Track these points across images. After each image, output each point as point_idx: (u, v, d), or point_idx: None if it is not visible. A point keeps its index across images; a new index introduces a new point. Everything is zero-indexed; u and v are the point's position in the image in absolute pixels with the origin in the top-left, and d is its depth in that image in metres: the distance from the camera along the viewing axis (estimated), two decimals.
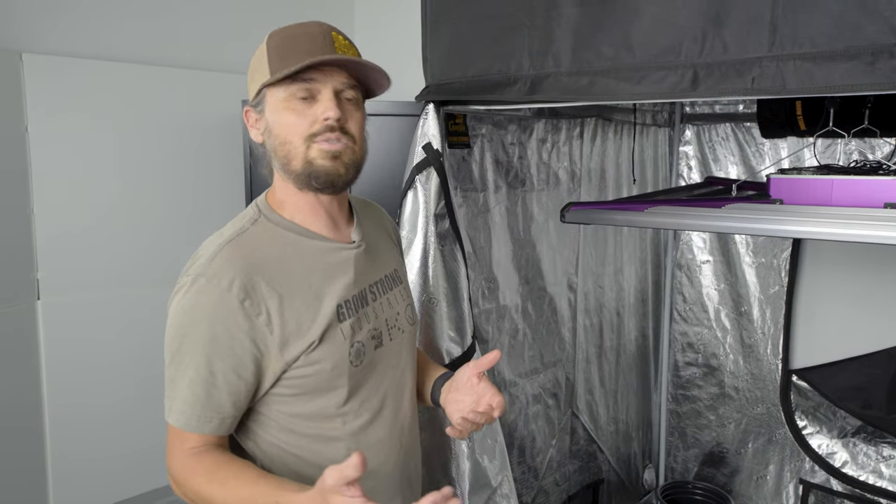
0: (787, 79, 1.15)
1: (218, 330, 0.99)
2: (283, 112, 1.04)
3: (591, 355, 2.48)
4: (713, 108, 2.69)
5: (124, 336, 2.95)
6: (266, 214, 1.10)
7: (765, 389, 2.67)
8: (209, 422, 1.01)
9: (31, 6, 2.69)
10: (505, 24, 1.49)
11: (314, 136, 1.03)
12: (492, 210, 1.97)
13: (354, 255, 1.13)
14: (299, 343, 1.02)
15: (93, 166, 2.82)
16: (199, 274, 1.01)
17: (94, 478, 2.94)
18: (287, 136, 1.04)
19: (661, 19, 1.28)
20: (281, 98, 1.04)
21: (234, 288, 0.99)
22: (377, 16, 3.60)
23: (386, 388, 1.16)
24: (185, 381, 1.00)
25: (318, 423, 1.08)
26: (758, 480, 2.73)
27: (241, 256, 1.02)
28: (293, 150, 1.04)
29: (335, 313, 1.06)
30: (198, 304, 1.00)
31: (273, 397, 1.06)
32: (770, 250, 2.59)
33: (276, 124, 1.05)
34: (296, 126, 1.03)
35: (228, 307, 0.98)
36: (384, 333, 1.15)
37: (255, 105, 1.09)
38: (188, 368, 1.00)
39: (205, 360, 0.99)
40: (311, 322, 1.04)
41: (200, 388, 1.00)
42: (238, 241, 1.05)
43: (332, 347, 1.05)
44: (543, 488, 2.29)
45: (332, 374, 1.05)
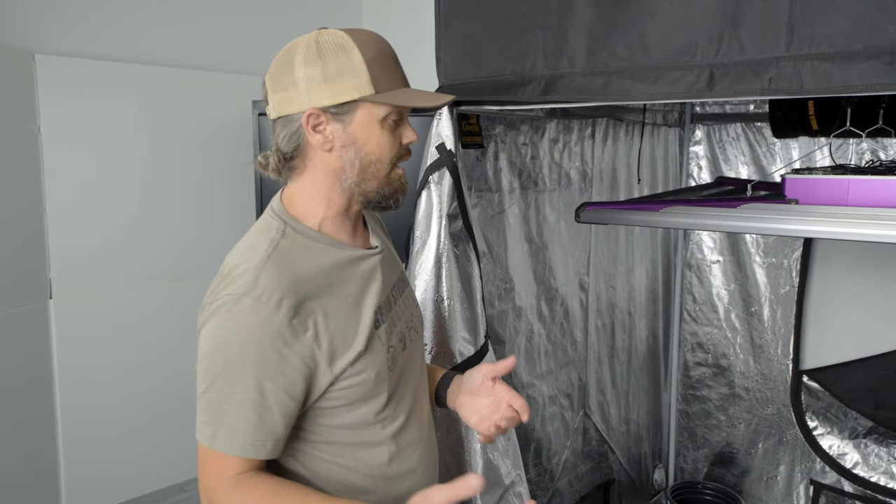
0: (804, 79, 1.14)
1: (268, 351, 0.95)
2: (382, 131, 1.04)
3: (602, 356, 2.48)
4: (724, 108, 2.68)
5: (136, 335, 2.97)
6: (292, 225, 1.06)
7: (775, 390, 2.66)
8: (263, 446, 0.97)
9: (45, 7, 2.71)
10: (519, 25, 1.49)
11: (399, 157, 1.08)
12: (507, 211, 1.97)
13: (379, 260, 1.13)
14: (347, 355, 1.01)
15: (105, 167, 2.84)
16: (244, 293, 0.95)
17: (105, 475, 2.95)
18: (381, 154, 1.05)
19: (677, 19, 1.28)
20: (380, 116, 1.03)
21: (283, 307, 0.95)
22: (385, 16, 3.60)
23: (413, 389, 1.17)
24: (233, 406, 0.95)
25: (360, 430, 1.07)
26: (768, 481, 2.73)
27: (285, 273, 0.98)
28: (381, 169, 1.06)
29: (373, 320, 1.06)
30: (244, 324, 0.95)
31: (314, 411, 1.04)
32: (781, 250, 2.58)
33: (370, 142, 1.04)
34: (391, 147, 1.06)
35: (278, 327, 0.95)
36: (406, 336, 1.16)
37: (338, 113, 1.02)
38: (235, 392, 0.95)
39: (255, 382, 0.95)
40: (354, 332, 1.03)
41: (252, 411, 0.95)
42: (276, 257, 1.00)
43: (375, 355, 1.05)
44: (558, 489, 2.30)
45: (375, 382, 1.05)
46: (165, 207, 3.04)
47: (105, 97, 2.81)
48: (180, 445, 2.99)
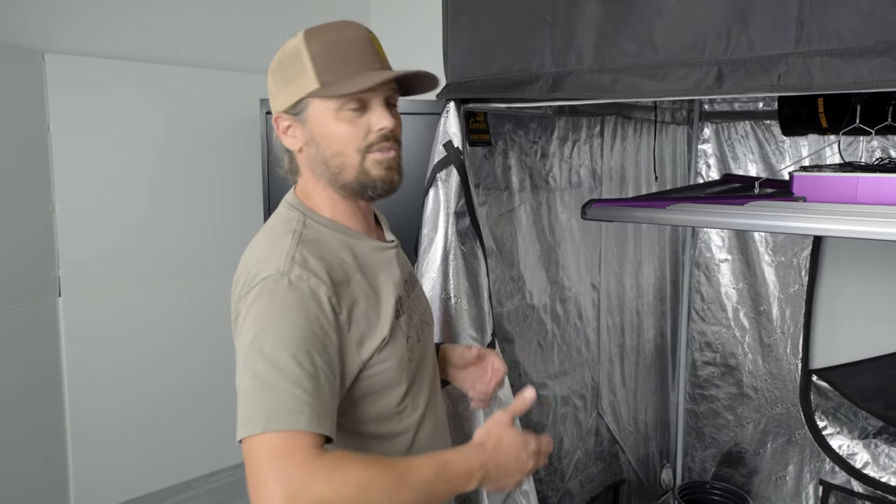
0: (814, 75, 1.14)
1: (314, 325, 0.93)
2: (335, 123, 1.03)
3: (613, 355, 2.47)
4: (732, 106, 2.67)
5: (144, 332, 2.98)
6: (310, 216, 1.07)
7: (784, 389, 2.65)
8: (326, 418, 0.89)
9: (54, 6, 2.72)
10: (527, 22, 1.49)
11: (370, 146, 1.04)
12: (516, 209, 1.97)
13: (395, 253, 1.15)
14: (373, 341, 1.02)
15: (113, 165, 2.85)
16: (281, 273, 0.95)
17: (114, 472, 2.97)
18: (341, 147, 1.03)
19: (685, 16, 1.28)
20: (332, 109, 1.02)
21: (322, 286, 0.96)
22: (393, 13, 3.60)
23: (428, 380, 1.18)
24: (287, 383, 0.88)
25: (381, 423, 1.08)
26: (777, 481, 2.71)
27: (314, 255, 0.99)
28: (347, 161, 1.04)
29: (395, 309, 1.07)
30: (288, 301, 0.94)
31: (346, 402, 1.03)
32: (790, 249, 2.57)
33: (326, 136, 1.03)
34: (350, 137, 1.03)
35: (319, 302, 0.95)
36: (420, 329, 1.17)
37: (296, 113, 1.05)
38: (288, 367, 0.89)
39: (306, 355, 0.90)
40: (378, 319, 1.04)
41: (308, 383, 0.89)
42: (303, 243, 1.01)
43: (398, 343, 1.06)
44: (569, 490, 2.29)
45: (397, 370, 1.06)
46: (174, 206, 3.05)
47: (114, 96, 2.82)
48: (188, 443, 3.00)
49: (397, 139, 1.08)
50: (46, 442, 2.76)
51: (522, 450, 1.00)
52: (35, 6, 2.68)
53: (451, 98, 1.61)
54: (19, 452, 2.60)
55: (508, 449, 0.99)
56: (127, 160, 2.90)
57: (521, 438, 1.01)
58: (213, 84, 3.13)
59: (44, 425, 2.74)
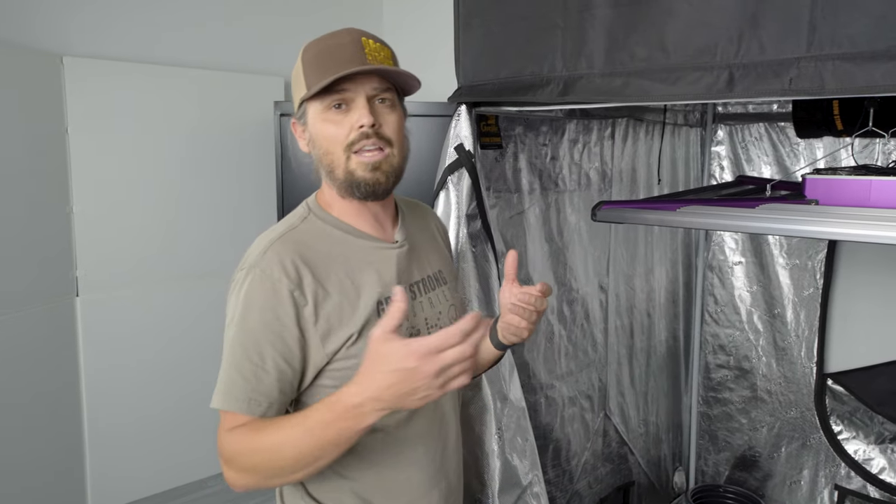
0: (825, 79, 1.13)
1: (269, 317, 1.03)
2: (322, 124, 1.09)
3: (622, 357, 2.47)
4: (746, 108, 2.66)
5: (160, 332, 3.01)
6: (315, 212, 1.15)
7: (799, 393, 2.63)
8: (259, 405, 1.03)
9: (72, 10, 2.76)
10: (538, 26, 1.49)
11: (352, 144, 1.07)
12: (526, 211, 1.97)
13: (396, 254, 1.16)
14: (340, 335, 1.06)
15: (130, 167, 2.89)
16: (252, 266, 1.05)
17: (130, 470, 3.00)
18: (328, 146, 1.09)
19: (696, 20, 1.28)
20: (319, 110, 1.09)
21: (284, 279, 1.03)
22: (404, 15, 3.62)
23: None
24: (236, 367, 1.04)
25: None
26: (791, 486, 2.69)
27: (291, 251, 1.06)
28: (335, 159, 1.09)
29: (375, 309, 1.09)
30: (251, 293, 1.04)
31: (318, 389, 1.09)
32: (805, 252, 2.55)
33: (317, 136, 1.10)
34: (335, 136, 1.08)
35: (279, 296, 1.03)
36: (423, 331, 1.18)
37: (299, 118, 1.14)
38: (239, 354, 1.04)
39: (255, 345, 1.03)
40: (350, 316, 1.07)
41: (250, 372, 1.03)
42: (288, 237, 1.09)
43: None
44: (577, 491, 2.29)
45: None
46: (189, 208, 3.08)
47: (131, 98, 2.86)
48: (203, 442, 3.03)
49: (383, 136, 1.09)
50: (64, 438, 2.80)
51: (408, 358, 0.88)
52: (53, 10, 2.72)
53: (463, 101, 1.61)
54: (38, 448, 2.64)
55: (388, 362, 0.89)
56: (143, 162, 2.93)
57: (400, 347, 0.88)
58: (229, 86, 3.16)
59: (62, 422, 2.77)
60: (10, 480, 2.54)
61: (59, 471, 2.76)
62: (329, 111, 1.08)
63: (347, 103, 1.07)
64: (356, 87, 1.07)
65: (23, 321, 2.55)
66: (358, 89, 1.07)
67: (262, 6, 3.34)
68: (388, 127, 1.09)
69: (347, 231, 1.13)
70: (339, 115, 1.07)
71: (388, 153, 1.09)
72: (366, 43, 1.09)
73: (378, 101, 1.09)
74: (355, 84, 1.07)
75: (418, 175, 2.23)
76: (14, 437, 2.57)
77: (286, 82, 3.39)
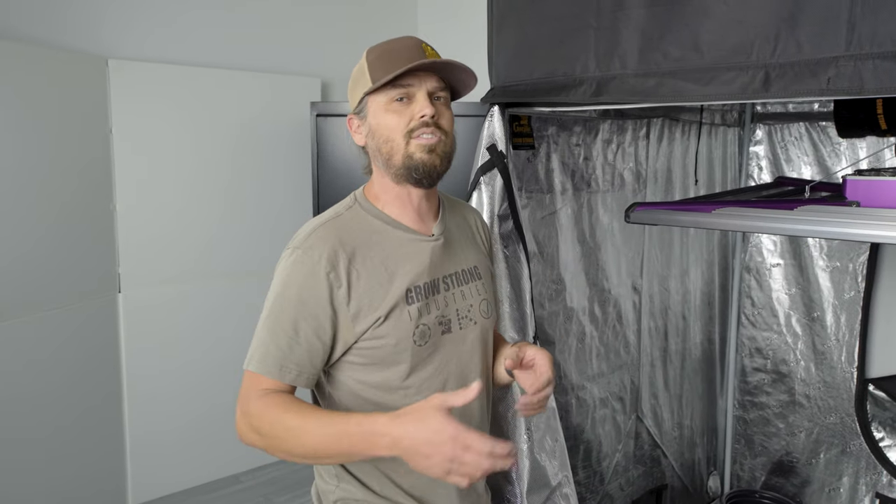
0: (865, 79, 1.11)
1: (306, 295, 1.13)
2: (385, 114, 1.18)
3: (655, 359, 2.45)
4: (786, 108, 2.60)
5: (199, 326, 3.08)
6: (361, 203, 1.24)
7: (838, 398, 2.57)
8: (289, 372, 1.13)
9: (117, 14, 2.84)
10: (571, 26, 1.49)
11: (412, 131, 1.16)
12: (558, 211, 1.97)
13: (432, 246, 1.24)
14: (369, 317, 1.15)
15: (171, 166, 2.96)
16: (297, 247, 1.16)
17: (168, 464, 3.07)
18: (389, 134, 1.17)
19: (732, 19, 1.26)
20: (382, 102, 1.18)
21: (323, 261, 1.13)
22: (439, 19, 3.63)
23: (450, 371, 1.24)
24: (272, 335, 1.14)
25: (383, 392, 1.19)
26: (830, 493, 2.63)
27: (332, 236, 1.16)
28: (395, 146, 1.17)
29: (404, 295, 1.18)
30: (293, 271, 1.14)
31: (346, 364, 1.18)
32: (846, 254, 2.49)
33: (378, 126, 1.19)
34: (397, 124, 1.17)
35: (316, 276, 1.13)
36: (453, 321, 1.24)
37: (358, 112, 1.23)
38: (277, 324, 1.14)
39: (292, 319, 1.13)
40: (381, 300, 1.16)
41: (285, 342, 1.13)
42: (332, 223, 1.19)
43: (398, 325, 1.16)
44: (608, 493, 2.28)
45: (395, 349, 1.17)
46: (228, 207, 3.15)
47: (173, 100, 2.93)
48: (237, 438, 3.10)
49: (440, 127, 1.18)
50: (106, 432, 2.88)
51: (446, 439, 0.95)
52: (99, 14, 2.81)
53: (496, 102, 1.62)
54: (81, 441, 2.73)
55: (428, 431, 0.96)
56: (183, 162, 3.00)
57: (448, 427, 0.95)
58: (267, 88, 3.21)
59: (104, 416, 2.86)
60: (54, 471, 2.63)
61: (101, 462, 2.84)
62: (392, 103, 1.17)
63: (409, 97, 1.17)
64: (419, 82, 1.17)
65: (67, 316, 2.64)
66: (420, 84, 1.17)
67: (299, 10, 3.39)
68: (444, 120, 1.19)
69: (388, 222, 1.22)
70: (402, 107, 1.17)
71: (443, 139, 1.18)
72: (425, 47, 1.20)
73: (435, 98, 1.19)
74: (418, 80, 1.17)
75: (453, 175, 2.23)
76: (59, 426, 2.65)
77: (323, 83, 3.44)
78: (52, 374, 2.59)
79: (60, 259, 2.60)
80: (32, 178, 2.48)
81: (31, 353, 2.51)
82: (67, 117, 2.60)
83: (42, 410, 2.55)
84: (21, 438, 2.48)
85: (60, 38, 2.69)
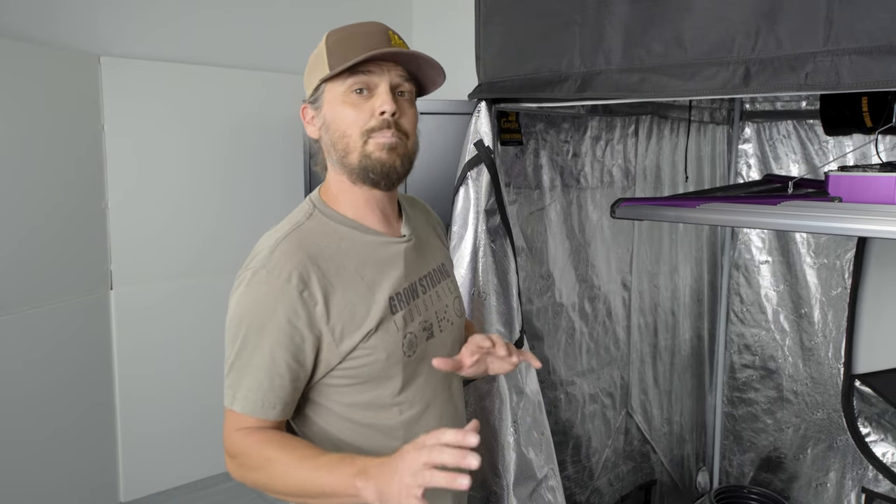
0: (842, 74, 1.13)
1: (280, 320, 1.02)
2: (342, 106, 1.07)
3: (645, 355, 2.46)
4: (774, 105, 2.63)
5: (191, 323, 3.09)
6: (320, 209, 1.13)
7: (825, 394, 2.59)
8: (273, 408, 1.04)
9: (109, 12, 2.85)
10: (556, 22, 1.50)
11: (371, 130, 1.06)
12: (547, 207, 1.98)
13: (405, 248, 1.15)
14: (355, 334, 1.05)
15: (164, 163, 2.97)
16: (260, 267, 1.04)
17: (160, 461, 3.08)
18: (345, 129, 1.07)
19: (713, 16, 1.28)
20: (339, 92, 1.07)
21: (293, 279, 1.02)
22: (434, 17, 3.64)
23: (437, 377, 1.18)
24: (249, 369, 1.04)
25: (375, 412, 1.10)
26: (817, 488, 2.65)
27: (299, 250, 1.05)
28: (351, 143, 1.07)
29: (388, 305, 1.09)
30: (259, 295, 1.03)
31: (329, 388, 1.09)
32: (833, 251, 2.51)
33: (334, 119, 1.08)
34: (354, 120, 1.06)
35: (289, 298, 1.02)
36: (434, 325, 1.17)
37: (313, 101, 1.12)
38: (251, 357, 1.03)
39: (267, 349, 1.02)
40: (365, 313, 1.07)
41: (264, 375, 1.03)
42: (294, 236, 1.07)
43: (387, 338, 1.07)
44: (597, 488, 2.29)
45: (386, 364, 1.08)
46: (220, 204, 3.15)
47: (165, 97, 2.93)
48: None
49: (402, 128, 1.07)
50: (97, 428, 2.88)
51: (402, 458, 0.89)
52: (91, 12, 2.81)
53: (483, 98, 1.63)
54: (72, 437, 2.73)
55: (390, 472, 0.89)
56: (176, 159, 3.01)
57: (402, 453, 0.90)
58: (259, 85, 3.22)
59: (95, 412, 2.86)
60: (44, 468, 2.63)
61: (93, 459, 2.84)
62: (350, 94, 1.06)
63: (370, 89, 1.06)
64: (381, 72, 1.06)
65: (58, 313, 2.64)
66: (383, 75, 1.06)
67: (292, 7, 3.40)
68: (406, 120, 1.09)
69: (354, 227, 1.12)
70: (360, 100, 1.06)
71: (403, 140, 1.08)
72: (392, 35, 1.10)
73: (398, 93, 1.09)
74: (381, 70, 1.06)
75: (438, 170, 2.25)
76: (50, 422, 2.65)
77: None
78: (42, 371, 2.59)
79: (52, 256, 2.60)
80: (24, 176, 2.49)
81: (22, 351, 2.51)
82: (59, 114, 2.61)
83: (33, 407, 2.56)
84: (11, 435, 2.48)
85: (53, 36, 2.69)
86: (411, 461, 0.87)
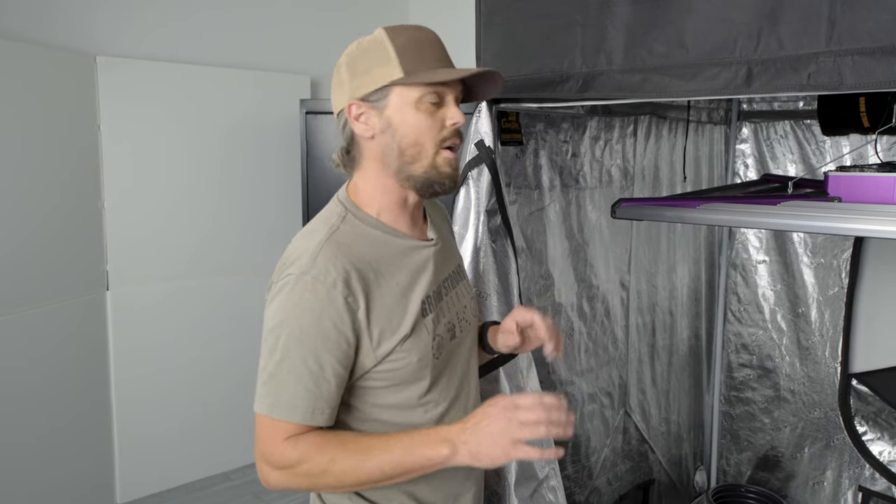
0: (844, 74, 1.13)
1: (326, 325, 1.02)
2: (416, 113, 1.07)
3: (643, 354, 2.47)
4: (772, 106, 2.64)
5: (188, 323, 3.08)
6: (353, 212, 1.12)
7: (822, 393, 2.60)
8: (322, 413, 1.04)
9: (106, 12, 2.83)
10: (558, 23, 1.51)
11: (444, 140, 1.09)
12: (546, 207, 1.98)
13: (433, 252, 1.17)
14: (392, 338, 1.07)
15: (160, 163, 2.96)
16: (303, 272, 1.03)
17: (157, 462, 3.07)
18: (418, 137, 1.07)
19: (715, 17, 1.28)
20: (413, 98, 1.06)
21: (339, 285, 1.02)
22: (431, 14, 3.64)
23: (459, 377, 1.20)
24: (294, 375, 1.02)
25: (403, 412, 1.12)
26: (814, 486, 2.67)
27: (340, 255, 1.05)
28: (423, 152, 1.08)
29: (420, 309, 1.11)
30: (303, 300, 1.02)
31: (361, 389, 1.10)
32: (829, 251, 2.52)
33: (405, 124, 1.07)
34: (429, 129, 1.07)
35: (334, 304, 1.02)
36: (456, 326, 1.19)
37: (374, 100, 1.08)
38: (296, 363, 1.02)
39: (313, 354, 1.02)
40: (401, 317, 1.08)
41: (311, 381, 1.02)
42: (334, 240, 1.07)
43: (419, 341, 1.09)
44: (596, 487, 2.30)
45: (418, 367, 1.10)
46: (217, 205, 3.14)
47: (161, 97, 2.92)
48: (228, 435, 3.09)
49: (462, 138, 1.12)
50: (94, 429, 2.87)
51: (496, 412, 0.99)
52: (87, 11, 2.80)
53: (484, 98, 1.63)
54: (68, 438, 2.72)
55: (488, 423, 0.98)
56: (172, 159, 3.00)
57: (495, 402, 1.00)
58: (256, 85, 3.21)
59: (92, 413, 2.85)
60: (41, 469, 2.62)
61: (89, 460, 2.83)
62: (424, 103, 1.07)
63: (441, 99, 1.08)
64: (455, 85, 1.09)
65: (54, 314, 2.63)
66: (452, 88, 1.09)
67: (288, 7, 3.39)
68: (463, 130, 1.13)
69: (386, 231, 1.12)
70: (433, 109, 1.07)
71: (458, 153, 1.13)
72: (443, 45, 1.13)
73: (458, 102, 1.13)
74: (454, 82, 1.09)
75: None
76: (46, 423, 2.64)
77: (312, 80, 3.44)
78: (38, 371, 2.58)
79: (48, 257, 2.59)
80: (19, 176, 2.48)
81: (18, 351, 2.50)
82: (56, 114, 2.60)
83: (29, 408, 2.54)
84: (6, 436, 2.47)
85: (49, 36, 2.68)
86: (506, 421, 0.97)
